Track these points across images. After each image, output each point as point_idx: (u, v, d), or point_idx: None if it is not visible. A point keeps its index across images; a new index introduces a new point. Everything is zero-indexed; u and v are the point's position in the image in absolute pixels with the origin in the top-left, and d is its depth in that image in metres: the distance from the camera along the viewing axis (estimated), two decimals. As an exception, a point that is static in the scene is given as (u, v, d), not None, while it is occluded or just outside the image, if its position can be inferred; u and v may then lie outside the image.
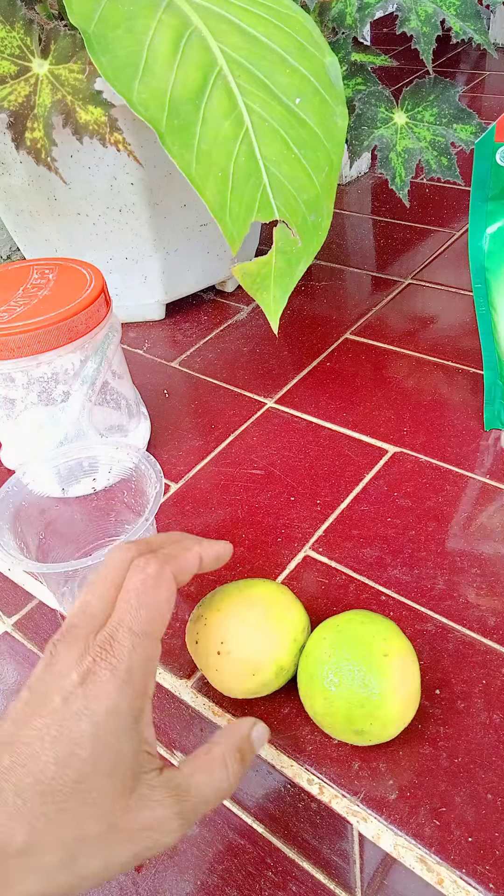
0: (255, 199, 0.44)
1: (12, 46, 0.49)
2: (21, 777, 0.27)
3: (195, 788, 0.30)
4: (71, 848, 0.27)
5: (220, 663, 0.37)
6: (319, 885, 0.45)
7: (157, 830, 0.28)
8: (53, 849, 0.27)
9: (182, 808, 0.29)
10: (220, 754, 0.32)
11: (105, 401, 0.51)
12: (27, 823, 0.26)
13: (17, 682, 0.60)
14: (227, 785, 0.31)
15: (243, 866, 0.46)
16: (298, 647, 0.37)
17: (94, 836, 0.27)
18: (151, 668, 0.31)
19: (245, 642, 0.36)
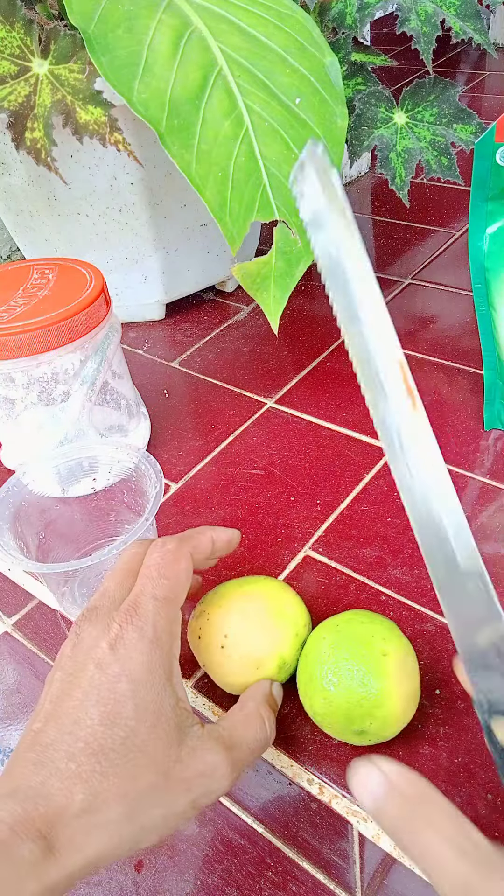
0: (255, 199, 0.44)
1: (12, 46, 0.49)
2: (70, 744, 0.28)
3: (238, 739, 0.32)
4: (131, 800, 0.28)
5: (223, 658, 0.37)
6: (319, 885, 0.45)
7: (210, 777, 0.30)
8: (114, 803, 0.28)
9: (230, 757, 0.31)
10: (255, 708, 0.34)
11: (105, 401, 0.51)
12: (84, 783, 0.27)
13: (16, 682, 0.60)
14: (265, 735, 0.33)
15: (243, 866, 0.46)
16: (300, 642, 0.38)
17: (151, 786, 0.28)
18: (175, 631, 0.32)
19: (248, 637, 0.37)
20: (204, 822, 0.49)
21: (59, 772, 0.28)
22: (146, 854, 0.48)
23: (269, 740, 0.34)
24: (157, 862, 0.48)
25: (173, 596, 0.33)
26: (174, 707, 0.31)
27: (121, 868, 0.48)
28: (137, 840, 0.28)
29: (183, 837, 0.49)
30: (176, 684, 0.31)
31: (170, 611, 0.33)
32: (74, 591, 0.46)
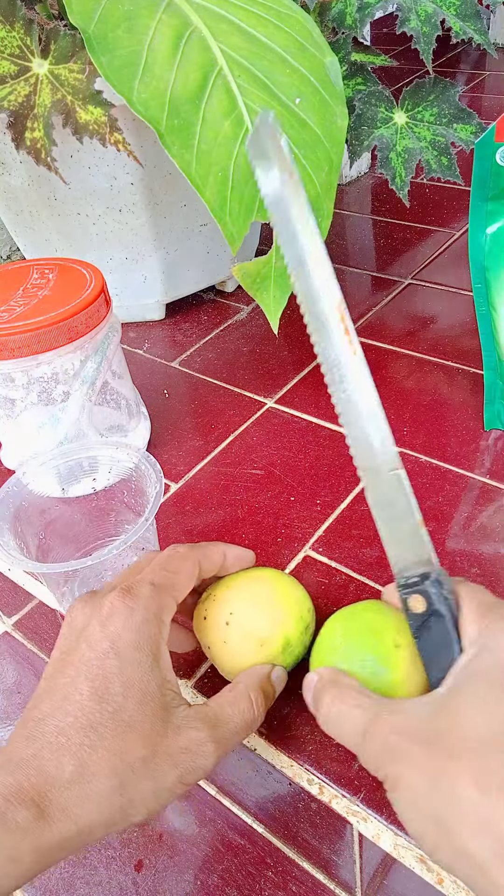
0: (255, 199, 0.44)
1: (12, 46, 0.49)
2: (60, 719, 0.30)
3: (225, 717, 0.33)
4: (119, 773, 0.29)
5: (229, 634, 0.37)
6: (319, 885, 0.45)
7: (195, 753, 0.31)
8: (103, 775, 0.29)
9: (215, 734, 0.32)
10: (245, 689, 0.34)
11: (105, 401, 0.51)
12: (73, 756, 0.29)
13: (16, 682, 0.60)
14: (253, 716, 0.34)
15: (243, 866, 0.46)
16: (304, 626, 0.38)
17: (139, 759, 0.30)
18: (165, 619, 0.33)
19: (253, 614, 0.37)
20: (204, 822, 0.49)
21: (50, 745, 0.29)
22: (146, 854, 0.48)
23: (255, 722, 0.34)
24: (157, 862, 0.48)
25: (170, 586, 0.34)
26: (160, 686, 0.32)
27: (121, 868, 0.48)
28: (127, 813, 0.29)
29: (183, 837, 0.49)
30: (164, 667, 0.32)
31: (163, 598, 0.34)
32: (74, 591, 0.46)
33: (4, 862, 0.26)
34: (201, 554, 0.37)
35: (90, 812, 0.28)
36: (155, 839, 0.49)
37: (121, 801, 0.29)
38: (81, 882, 0.47)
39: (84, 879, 0.48)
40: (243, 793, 0.47)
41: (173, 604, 0.34)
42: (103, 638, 0.32)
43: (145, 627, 0.32)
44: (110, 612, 0.32)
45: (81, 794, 0.28)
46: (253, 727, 0.34)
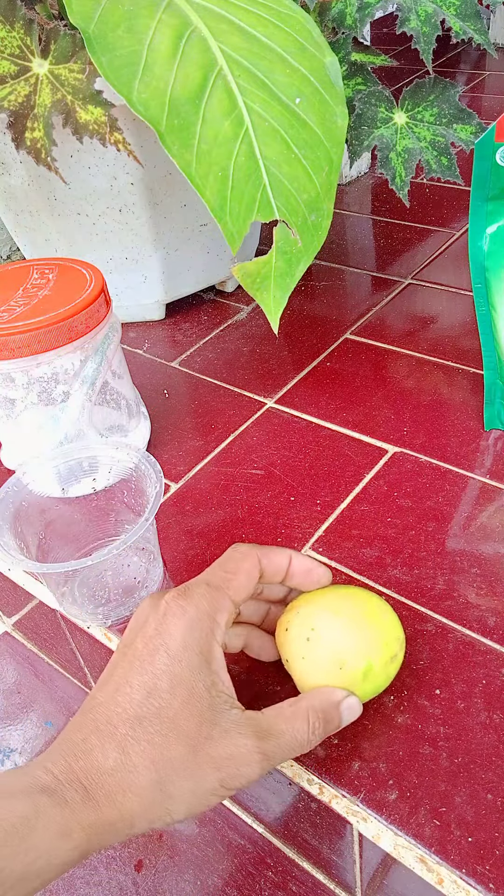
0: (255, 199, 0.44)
1: (12, 46, 0.49)
2: (110, 708, 0.31)
3: (276, 732, 0.32)
4: (160, 768, 0.30)
5: (308, 651, 0.35)
6: (319, 885, 0.45)
7: (238, 760, 0.31)
8: (143, 769, 0.30)
9: (262, 746, 0.31)
10: (305, 709, 0.33)
11: (105, 401, 0.51)
12: (118, 745, 0.30)
13: (16, 682, 0.60)
14: (306, 739, 0.33)
15: (243, 866, 0.46)
16: (391, 655, 0.36)
17: (179, 757, 0.30)
18: (220, 619, 0.33)
19: (336, 633, 0.35)
20: (204, 822, 0.49)
21: (99, 731, 0.30)
22: (146, 854, 0.48)
23: (308, 744, 0.33)
24: (157, 862, 0.48)
25: (226, 586, 0.34)
26: (209, 688, 0.32)
27: (121, 868, 0.48)
28: (167, 809, 0.30)
29: (183, 837, 0.49)
30: (215, 669, 0.33)
31: (218, 598, 0.34)
32: (74, 591, 0.46)
33: (55, 836, 0.27)
34: (262, 554, 0.36)
35: (131, 801, 0.29)
36: (155, 839, 0.49)
37: (160, 796, 0.30)
38: (81, 882, 0.47)
39: (84, 879, 0.48)
40: (243, 793, 0.47)
41: (229, 604, 0.34)
42: (156, 635, 0.33)
43: (196, 627, 0.33)
44: (165, 612, 0.33)
45: (123, 783, 0.29)
46: (303, 750, 0.33)
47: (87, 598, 0.46)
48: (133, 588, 0.46)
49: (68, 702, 0.58)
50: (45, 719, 0.57)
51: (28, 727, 0.57)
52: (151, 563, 0.47)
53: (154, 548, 0.47)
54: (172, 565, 0.48)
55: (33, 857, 0.27)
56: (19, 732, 0.57)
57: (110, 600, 0.45)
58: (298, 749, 0.33)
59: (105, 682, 0.33)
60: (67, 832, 0.28)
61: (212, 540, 0.50)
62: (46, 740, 0.56)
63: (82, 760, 0.30)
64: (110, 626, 0.45)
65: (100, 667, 0.51)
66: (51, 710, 0.58)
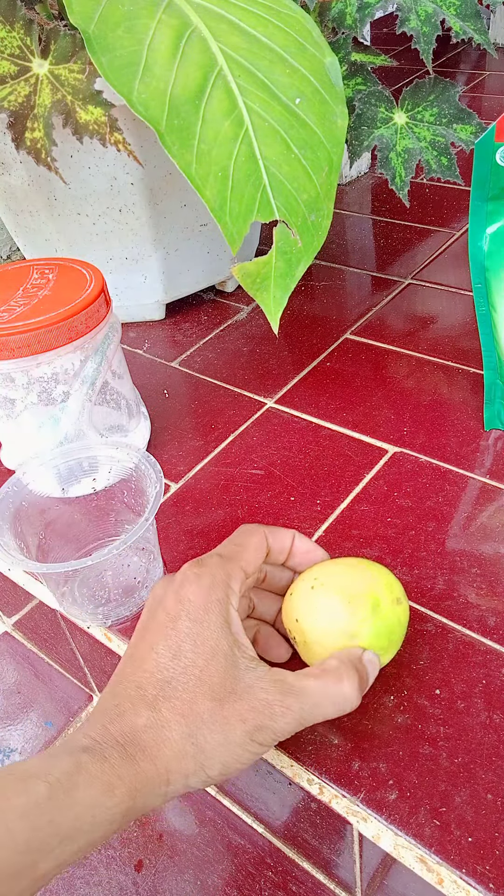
0: (255, 199, 0.44)
1: (12, 46, 0.49)
2: (139, 675, 0.33)
3: (301, 688, 0.33)
4: (189, 721, 0.31)
5: (315, 596, 0.36)
6: (319, 885, 0.45)
7: (263, 713, 0.32)
8: (174, 723, 0.31)
9: (286, 700, 0.32)
10: (335, 665, 0.34)
11: (105, 401, 0.51)
12: (149, 705, 0.32)
13: (16, 682, 0.60)
14: (341, 693, 0.33)
15: (243, 866, 0.46)
16: (395, 598, 0.37)
17: (207, 711, 0.32)
18: (234, 586, 0.35)
19: (339, 576, 0.37)
20: (204, 822, 0.49)
21: (130, 697, 0.32)
22: (146, 854, 0.48)
23: (346, 699, 0.33)
24: (157, 862, 0.48)
25: (237, 557, 0.36)
26: (231, 646, 0.33)
27: (121, 868, 0.48)
28: (201, 763, 0.31)
29: (183, 837, 0.49)
30: (236, 632, 0.34)
31: (230, 566, 0.36)
32: (74, 591, 0.46)
33: (99, 791, 0.29)
34: (269, 531, 0.39)
35: (165, 755, 0.31)
36: (155, 839, 0.49)
37: (193, 748, 0.31)
38: (81, 882, 0.47)
39: (84, 879, 0.48)
40: (243, 793, 0.47)
41: (241, 573, 0.36)
42: (176, 603, 0.34)
43: (213, 592, 0.34)
44: (181, 582, 0.35)
45: (157, 738, 0.31)
46: (343, 704, 0.34)
47: (87, 598, 0.46)
48: (133, 588, 0.46)
49: (68, 702, 0.58)
50: (45, 719, 0.57)
51: (28, 727, 0.57)
52: (151, 563, 0.47)
53: (154, 548, 0.47)
54: (172, 565, 0.48)
55: (79, 812, 0.28)
56: (19, 732, 0.57)
57: (110, 600, 0.45)
58: (332, 706, 0.33)
59: (131, 655, 0.34)
60: (110, 787, 0.29)
61: (212, 540, 0.50)
62: (46, 740, 0.56)
63: (117, 722, 0.31)
64: (110, 626, 0.45)
65: (100, 667, 0.51)
66: (51, 710, 0.58)
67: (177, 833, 0.49)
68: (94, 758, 0.30)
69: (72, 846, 0.28)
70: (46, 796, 0.28)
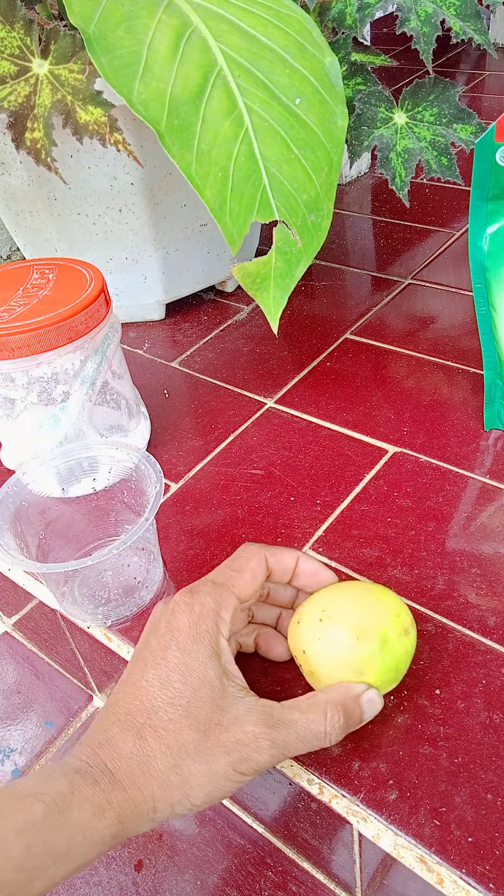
0: (254, 199, 0.44)
1: (12, 46, 0.49)
2: (129, 701, 0.33)
3: (288, 721, 0.33)
4: (174, 752, 0.32)
5: (323, 630, 0.36)
6: (319, 885, 0.45)
7: (248, 746, 0.32)
8: (159, 753, 0.32)
9: (271, 734, 0.32)
10: (323, 701, 0.34)
11: (105, 401, 0.51)
12: (135, 733, 0.32)
13: (16, 682, 0.60)
14: (323, 731, 0.33)
15: (243, 866, 0.46)
16: (403, 629, 0.36)
17: (192, 742, 0.32)
18: (224, 615, 0.35)
19: (347, 609, 0.36)
20: (204, 822, 0.49)
21: (119, 722, 0.33)
22: (146, 854, 0.48)
23: (326, 736, 0.33)
24: (157, 862, 0.48)
25: (231, 584, 0.36)
26: (220, 677, 0.33)
27: (121, 868, 0.48)
28: (186, 793, 0.31)
29: (183, 837, 0.49)
30: (225, 662, 0.34)
31: (222, 594, 0.36)
32: (74, 591, 0.46)
33: (91, 813, 0.29)
34: (270, 554, 0.38)
35: (151, 784, 0.31)
36: (155, 839, 0.49)
37: (177, 779, 0.31)
38: (81, 882, 0.47)
39: (84, 879, 0.48)
40: (243, 793, 0.47)
41: (233, 600, 0.36)
42: (167, 632, 0.35)
43: (202, 621, 0.35)
44: (173, 610, 0.35)
45: (142, 766, 0.31)
46: (321, 741, 0.34)
47: (87, 598, 0.46)
48: (133, 588, 0.46)
49: (68, 702, 0.58)
50: (45, 719, 0.57)
51: (28, 727, 0.57)
52: (151, 563, 0.47)
53: (154, 548, 0.47)
54: (172, 565, 0.48)
55: (73, 832, 0.29)
56: (19, 732, 0.57)
57: (110, 600, 0.45)
58: (314, 741, 0.33)
59: (124, 681, 0.35)
60: (100, 810, 0.30)
61: (212, 540, 0.50)
62: (46, 740, 0.56)
63: (105, 748, 0.32)
64: (110, 626, 0.45)
65: (100, 667, 0.51)
66: (51, 710, 0.58)
67: (177, 833, 0.49)
68: (85, 780, 0.30)
69: (65, 867, 0.29)
70: (42, 816, 0.28)
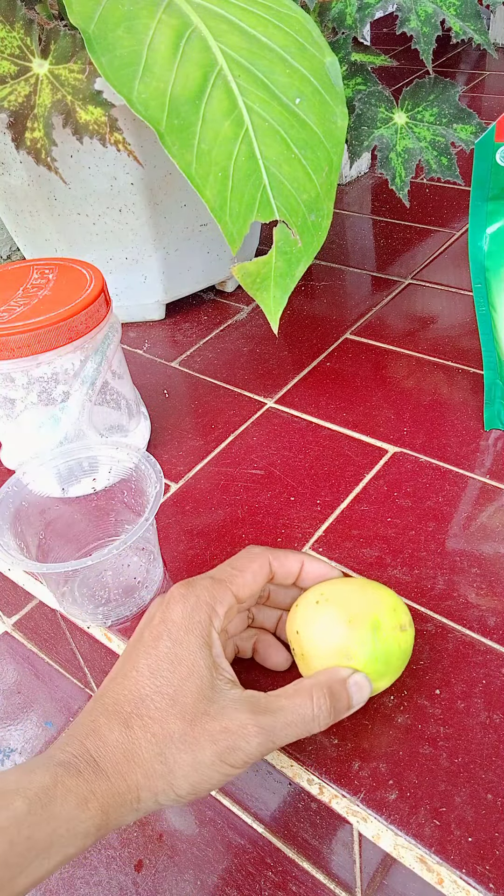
0: (255, 199, 0.44)
1: (12, 46, 0.49)
2: (117, 691, 0.33)
3: (276, 708, 0.33)
4: (160, 740, 0.32)
5: (318, 612, 0.36)
6: (319, 885, 0.45)
7: (235, 734, 0.32)
8: (145, 741, 0.32)
9: (259, 720, 0.32)
10: (309, 686, 0.34)
11: (105, 401, 0.51)
12: (122, 722, 0.32)
13: (16, 682, 0.60)
14: (311, 714, 0.33)
15: (243, 866, 0.46)
16: (398, 624, 0.36)
17: (178, 732, 0.32)
18: (219, 610, 0.35)
19: (345, 595, 0.37)
20: (204, 822, 0.49)
21: (107, 712, 0.33)
22: (146, 854, 0.48)
23: (314, 720, 0.33)
24: (157, 862, 0.48)
25: (230, 581, 0.36)
26: (209, 667, 0.33)
27: (121, 868, 0.48)
28: (170, 783, 0.31)
29: (183, 837, 0.49)
30: (216, 654, 0.34)
31: (219, 589, 0.36)
32: (74, 591, 0.46)
33: (74, 805, 0.29)
34: (274, 557, 0.38)
35: (135, 772, 0.31)
36: (155, 839, 0.49)
37: (162, 768, 0.31)
38: (81, 882, 0.47)
39: (84, 879, 0.48)
40: (243, 793, 0.47)
41: (230, 597, 0.36)
42: (160, 623, 0.35)
43: (196, 613, 0.34)
44: (169, 602, 0.36)
45: (127, 755, 0.31)
46: (311, 726, 0.33)
47: (87, 598, 0.46)
48: (133, 588, 0.46)
49: (68, 702, 0.58)
50: (45, 719, 0.57)
51: (28, 727, 0.57)
52: (151, 563, 0.47)
53: (154, 548, 0.47)
54: (172, 565, 0.48)
55: (55, 826, 0.29)
56: (19, 732, 0.57)
57: (110, 600, 0.45)
58: (303, 726, 0.33)
59: (116, 671, 0.35)
60: (84, 801, 0.30)
61: (212, 540, 0.50)
62: (46, 740, 0.56)
63: (91, 738, 0.32)
64: (110, 626, 0.45)
65: (100, 667, 0.51)
66: (51, 710, 0.58)
67: (177, 833, 0.49)
68: (69, 772, 0.30)
69: (49, 861, 0.29)
70: (25, 811, 0.28)
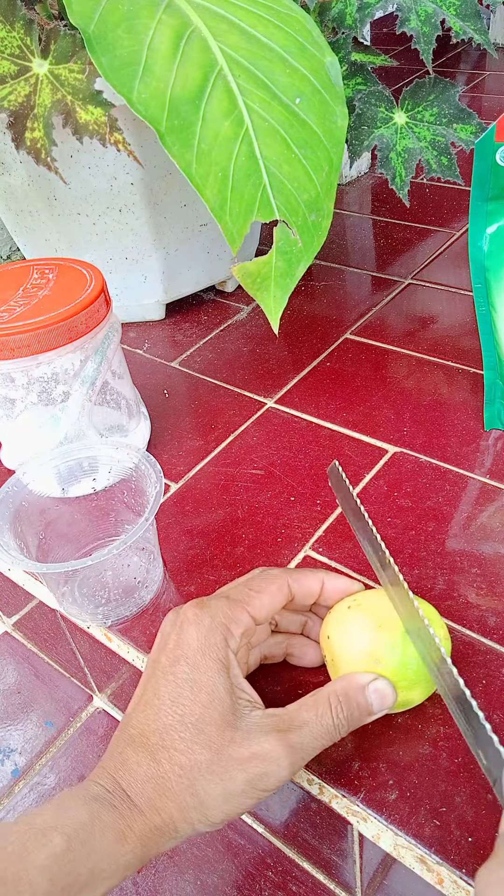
0: (255, 199, 0.44)
1: (12, 46, 0.49)
2: (141, 721, 0.33)
3: (299, 723, 0.32)
4: (188, 773, 0.31)
5: (350, 616, 0.36)
6: (319, 885, 0.45)
7: (264, 759, 0.31)
8: (173, 775, 0.31)
9: (286, 739, 0.32)
10: (326, 693, 0.34)
11: (105, 401, 0.51)
12: (149, 754, 0.32)
13: (16, 682, 0.60)
14: (332, 723, 0.33)
15: (243, 866, 0.46)
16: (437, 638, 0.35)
17: (205, 762, 0.31)
18: (234, 630, 0.34)
19: (379, 601, 0.36)
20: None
21: (133, 743, 0.32)
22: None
23: (336, 729, 0.33)
24: (157, 862, 0.48)
25: (246, 601, 0.35)
26: (229, 691, 0.33)
27: (121, 868, 0.48)
28: (204, 814, 0.31)
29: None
30: (234, 675, 0.34)
31: (234, 610, 0.35)
32: (74, 591, 0.46)
33: (114, 839, 0.29)
34: (292, 578, 0.37)
35: (168, 806, 0.31)
36: (155, 839, 0.49)
37: (194, 800, 0.31)
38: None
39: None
40: (243, 793, 0.47)
41: (246, 617, 0.35)
42: (176, 647, 0.34)
43: (211, 635, 0.34)
44: (183, 623, 0.35)
45: (159, 789, 0.31)
46: (333, 735, 0.33)
47: (87, 598, 0.46)
48: (133, 588, 0.46)
49: (68, 702, 0.58)
50: (45, 719, 0.57)
51: (28, 727, 0.57)
52: (151, 563, 0.47)
53: (154, 548, 0.47)
54: (172, 565, 0.48)
55: (96, 860, 0.29)
56: (19, 732, 0.57)
57: (110, 600, 0.45)
58: (326, 737, 0.33)
59: (137, 700, 0.34)
60: (122, 836, 0.30)
61: (212, 540, 0.50)
62: (46, 740, 0.56)
63: (121, 772, 0.31)
64: (110, 626, 0.45)
65: (100, 667, 0.51)
66: (51, 710, 0.58)
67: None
68: (104, 807, 0.30)
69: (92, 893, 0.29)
70: (64, 848, 0.28)
